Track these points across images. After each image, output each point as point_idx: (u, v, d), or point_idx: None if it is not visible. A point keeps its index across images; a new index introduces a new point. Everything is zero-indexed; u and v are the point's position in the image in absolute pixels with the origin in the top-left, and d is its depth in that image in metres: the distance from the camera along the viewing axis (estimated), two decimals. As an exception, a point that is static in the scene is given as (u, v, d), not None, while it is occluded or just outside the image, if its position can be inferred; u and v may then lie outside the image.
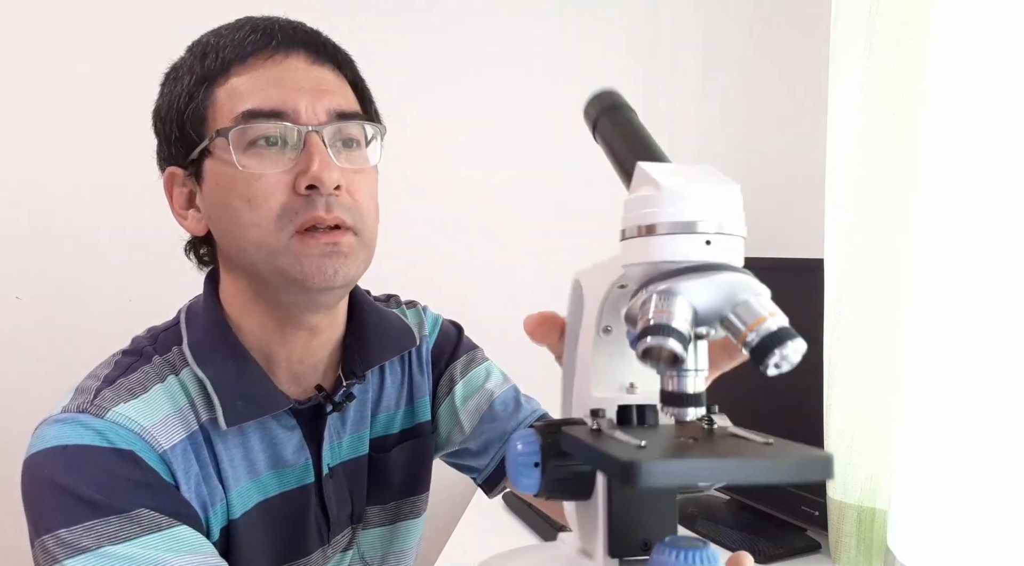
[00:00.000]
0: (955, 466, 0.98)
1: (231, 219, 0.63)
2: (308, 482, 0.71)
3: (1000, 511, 0.94)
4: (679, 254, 0.37)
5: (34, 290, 1.30)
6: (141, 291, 1.34)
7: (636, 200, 0.39)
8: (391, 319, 0.81)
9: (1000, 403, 0.94)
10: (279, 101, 0.62)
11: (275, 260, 0.62)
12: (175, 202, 0.69)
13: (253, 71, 0.63)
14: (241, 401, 0.65)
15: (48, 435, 0.60)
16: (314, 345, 0.71)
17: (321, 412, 0.72)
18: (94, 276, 1.32)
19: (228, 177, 0.62)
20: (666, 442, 0.39)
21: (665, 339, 0.34)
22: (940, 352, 1.00)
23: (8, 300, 1.28)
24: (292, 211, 0.61)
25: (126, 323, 0.78)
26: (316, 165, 0.61)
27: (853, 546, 1.07)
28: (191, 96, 0.64)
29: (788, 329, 0.35)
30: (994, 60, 0.94)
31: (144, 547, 0.57)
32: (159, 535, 0.58)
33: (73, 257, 1.31)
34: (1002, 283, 0.94)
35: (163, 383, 0.65)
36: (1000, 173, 0.94)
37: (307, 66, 0.65)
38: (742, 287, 0.36)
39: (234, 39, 0.64)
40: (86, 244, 1.32)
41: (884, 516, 1.04)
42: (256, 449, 0.68)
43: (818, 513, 1.13)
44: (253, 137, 0.62)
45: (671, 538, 0.40)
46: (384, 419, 0.80)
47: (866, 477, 1.05)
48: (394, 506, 0.82)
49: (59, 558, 0.56)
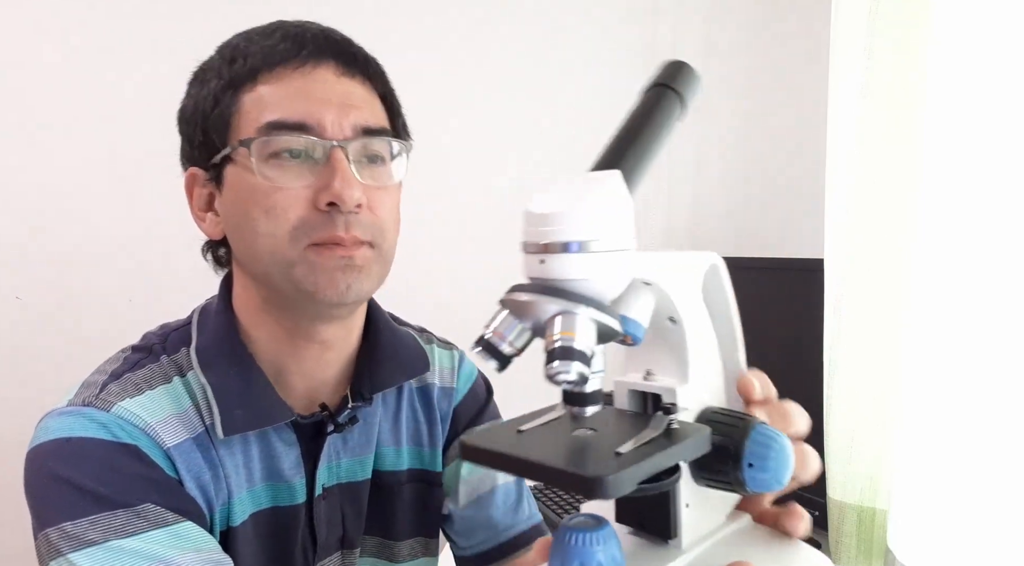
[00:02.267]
0: (955, 466, 0.98)
1: (248, 227, 0.62)
2: (300, 501, 0.69)
3: (1000, 511, 0.94)
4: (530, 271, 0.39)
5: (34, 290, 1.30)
6: (141, 291, 1.34)
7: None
8: (406, 341, 0.78)
9: (1000, 403, 0.94)
10: (305, 114, 0.61)
11: (289, 270, 0.61)
12: (195, 203, 0.68)
13: (281, 80, 0.62)
14: (241, 410, 0.64)
15: (52, 427, 0.60)
16: (325, 359, 0.70)
17: (322, 430, 0.70)
18: (94, 276, 1.32)
19: (248, 186, 0.62)
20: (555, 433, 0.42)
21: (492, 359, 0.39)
22: (940, 352, 1.00)
23: (8, 300, 1.28)
24: (310, 226, 0.60)
25: (126, 323, 0.78)
26: (338, 182, 0.60)
27: (853, 546, 1.07)
28: (217, 100, 0.63)
29: (575, 350, 0.37)
30: (994, 60, 0.94)
31: (150, 542, 0.57)
32: (164, 531, 0.58)
33: (73, 257, 1.31)
34: (1002, 283, 0.94)
35: (169, 384, 0.65)
36: (1000, 173, 0.94)
37: (336, 78, 0.64)
38: (554, 305, 0.38)
39: (264, 46, 0.63)
40: (86, 244, 1.32)
41: (884, 516, 1.04)
42: (255, 459, 0.67)
43: (818, 513, 1.13)
44: (276, 149, 0.61)
45: (569, 520, 0.41)
46: (392, 453, 0.77)
47: (866, 477, 1.05)
48: (407, 545, 0.79)
49: (63, 551, 0.56)
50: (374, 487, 0.76)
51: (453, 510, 0.82)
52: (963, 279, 0.97)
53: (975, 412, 0.96)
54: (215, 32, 0.69)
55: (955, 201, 0.98)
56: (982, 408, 0.96)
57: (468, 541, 0.83)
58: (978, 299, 0.96)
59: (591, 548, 0.39)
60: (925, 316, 1.00)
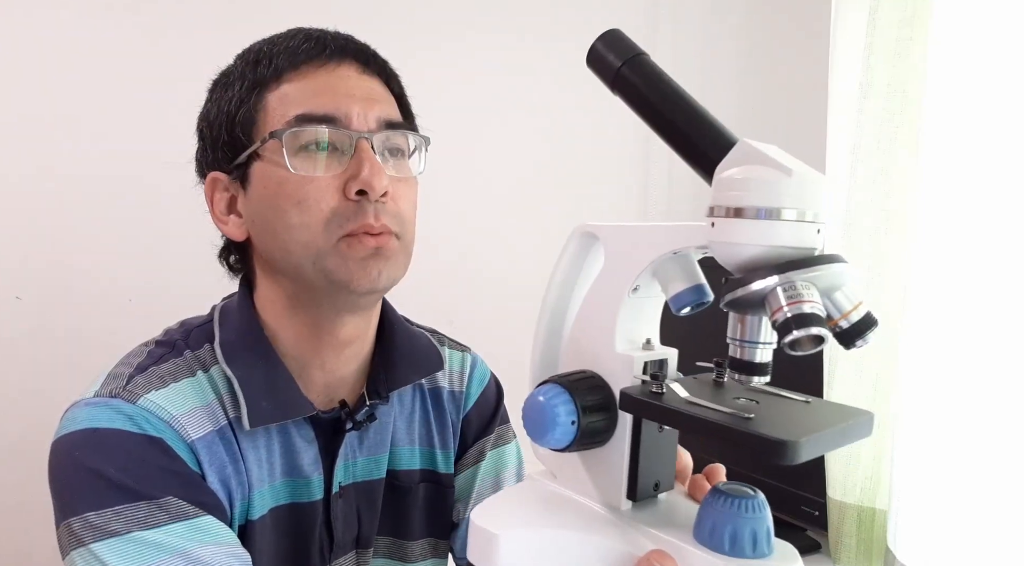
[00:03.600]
0: (955, 466, 0.98)
1: (279, 221, 0.63)
2: (317, 498, 0.70)
3: (1000, 511, 0.94)
4: (804, 241, 0.38)
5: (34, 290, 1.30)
6: (141, 291, 1.34)
7: (752, 181, 0.39)
8: (420, 340, 0.80)
9: (999, 403, 0.94)
10: (332, 106, 0.63)
11: (322, 261, 0.63)
12: (215, 207, 0.69)
13: (306, 78, 0.64)
14: (266, 403, 0.65)
15: (79, 417, 0.61)
16: (346, 355, 0.71)
17: (341, 428, 0.71)
18: (94, 276, 1.32)
19: (278, 179, 0.63)
20: (765, 410, 0.42)
21: (812, 328, 0.36)
22: (939, 352, 1.00)
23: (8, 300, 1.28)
24: (343, 216, 0.62)
25: (126, 323, 0.78)
26: (367, 171, 0.62)
27: (853, 546, 1.07)
28: (242, 101, 0.65)
29: (870, 317, 0.39)
30: (994, 60, 0.94)
31: (171, 535, 0.57)
32: (185, 524, 0.58)
33: (73, 257, 1.31)
34: (1001, 283, 0.94)
35: (193, 377, 0.66)
36: (999, 173, 0.94)
37: (358, 75, 0.67)
38: (841, 276, 0.38)
39: (288, 47, 0.65)
40: (86, 244, 1.32)
41: (884, 516, 1.05)
42: (276, 453, 0.68)
43: (818, 513, 1.13)
44: (305, 141, 0.63)
45: (724, 485, 0.42)
46: (406, 452, 0.78)
47: (866, 477, 1.05)
48: (419, 545, 0.80)
49: (85, 541, 0.56)
50: (388, 486, 0.76)
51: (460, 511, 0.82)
52: (963, 279, 0.97)
53: (975, 412, 0.96)
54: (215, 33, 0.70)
55: (954, 201, 0.98)
56: (982, 408, 0.96)
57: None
58: (977, 299, 0.96)
59: (745, 515, 0.39)
60: (924, 316, 1.00)
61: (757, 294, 0.37)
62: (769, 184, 0.38)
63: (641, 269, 0.48)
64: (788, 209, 0.38)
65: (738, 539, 0.40)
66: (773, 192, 0.38)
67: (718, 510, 0.40)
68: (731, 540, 0.40)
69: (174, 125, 0.70)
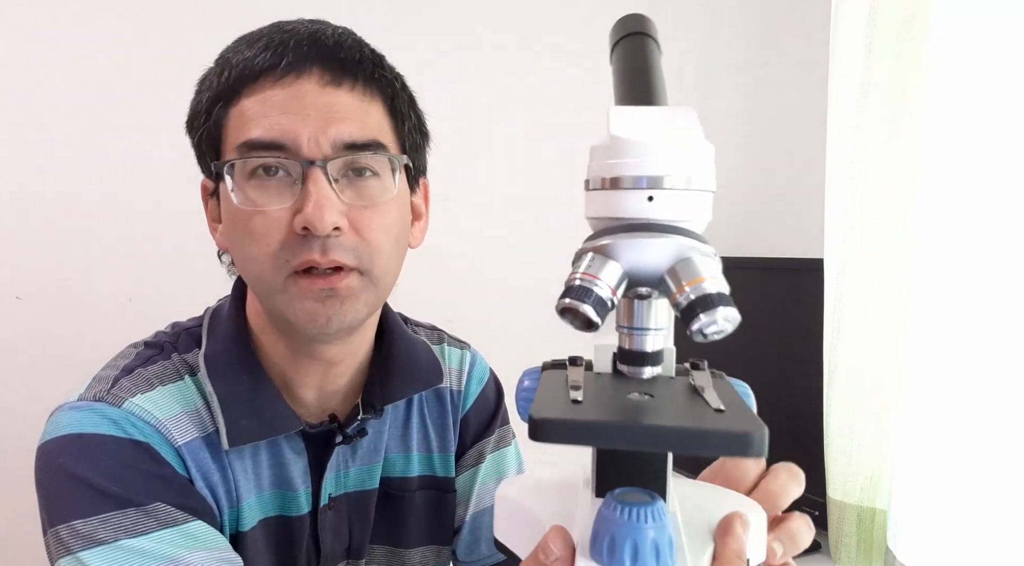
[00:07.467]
0: (955, 466, 0.98)
1: (237, 249, 0.61)
2: (305, 511, 0.69)
3: (1000, 511, 0.94)
4: (617, 211, 0.34)
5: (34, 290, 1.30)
6: (141, 291, 1.34)
7: (593, 149, 0.36)
8: (419, 351, 0.76)
9: (1000, 403, 0.94)
10: (280, 132, 0.58)
11: (271, 300, 0.60)
12: (208, 213, 0.67)
13: (262, 93, 0.59)
14: (248, 420, 0.63)
15: (63, 422, 0.59)
16: (333, 374, 0.68)
17: (331, 441, 0.69)
18: (94, 276, 1.32)
19: (233, 207, 0.60)
20: (611, 399, 0.36)
21: (581, 303, 0.33)
22: (940, 352, 1.00)
23: (8, 300, 1.28)
24: (289, 251, 0.58)
25: (126, 323, 0.78)
26: (310, 207, 0.56)
27: (853, 546, 1.07)
28: (208, 114, 0.62)
29: (724, 295, 0.32)
30: (993, 60, 0.94)
31: (160, 542, 0.56)
32: (175, 530, 0.58)
33: (73, 257, 1.31)
34: (1002, 283, 0.94)
35: (181, 381, 0.64)
36: (999, 173, 0.94)
37: (319, 89, 0.59)
38: (685, 248, 0.34)
39: (246, 56, 0.60)
40: (86, 244, 1.32)
41: (884, 516, 1.04)
42: (264, 465, 0.67)
43: (818, 513, 1.12)
44: (253, 167, 0.59)
45: (620, 491, 0.36)
46: (401, 459, 0.76)
47: (866, 477, 1.05)
48: (418, 553, 0.78)
49: (73, 549, 0.55)
50: (382, 495, 0.75)
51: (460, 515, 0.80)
52: (963, 279, 0.97)
53: (975, 412, 0.96)
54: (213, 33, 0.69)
55: (954, 201, 0.98)
56: (982, 408, 0.96)
57: (470, 555, 0.82)
58: (978, 299, 0.96)
59: (644, 525, 0.34)
60: (925, 316, 1.00)
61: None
62: (595, 151, 0.36)
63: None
64: (618, 177, 0.34)
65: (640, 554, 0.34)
66: (593, 161, 0.36)
67: (615, 523, 0.34)
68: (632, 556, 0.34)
69: (174, 125, 0.69)
